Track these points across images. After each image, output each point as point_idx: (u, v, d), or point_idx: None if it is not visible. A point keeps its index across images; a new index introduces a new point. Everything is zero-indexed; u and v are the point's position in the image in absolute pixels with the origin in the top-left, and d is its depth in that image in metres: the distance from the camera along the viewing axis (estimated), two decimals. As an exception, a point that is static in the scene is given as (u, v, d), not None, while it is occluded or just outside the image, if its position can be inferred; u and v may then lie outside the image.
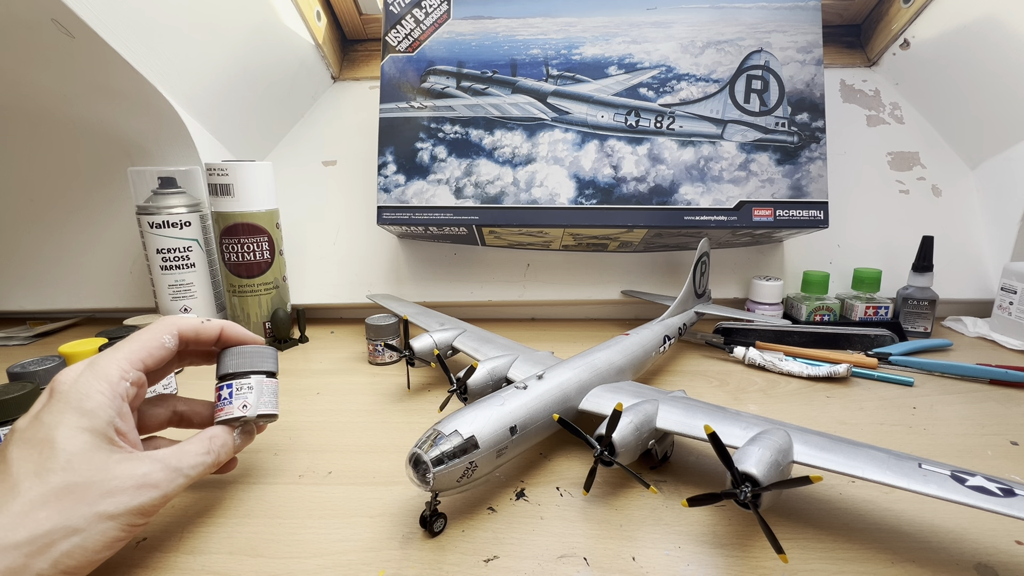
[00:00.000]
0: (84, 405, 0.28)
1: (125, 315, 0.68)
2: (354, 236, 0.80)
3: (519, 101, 0.67)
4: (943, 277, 0.73)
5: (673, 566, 0.31)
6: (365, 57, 0.90)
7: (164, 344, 0.34)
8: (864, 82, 0.83)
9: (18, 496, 0.25)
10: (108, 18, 0.54)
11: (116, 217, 0.76)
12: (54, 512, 0.25)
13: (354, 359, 0.66)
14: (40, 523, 0.25)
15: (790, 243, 0.79)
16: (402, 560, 0.31)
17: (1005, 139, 0.74)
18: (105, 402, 0.29)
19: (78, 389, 0.29)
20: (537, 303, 0.81)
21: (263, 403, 0.37)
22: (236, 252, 0.66)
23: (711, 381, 0.58)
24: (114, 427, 0.29)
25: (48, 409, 0.28)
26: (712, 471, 0.40)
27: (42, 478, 0.26)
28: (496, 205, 0.66)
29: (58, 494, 0.26)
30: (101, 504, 0.26)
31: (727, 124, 0.66)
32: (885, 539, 0.33)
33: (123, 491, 0.27)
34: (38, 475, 0.26)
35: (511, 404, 0.36)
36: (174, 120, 0.67)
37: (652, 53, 0.67)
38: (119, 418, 0.29)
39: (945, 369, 0.58)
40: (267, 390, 0.37)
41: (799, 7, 0.66)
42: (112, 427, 0.29)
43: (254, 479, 0.40)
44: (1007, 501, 0.27)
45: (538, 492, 0.38)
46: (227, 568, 0.31)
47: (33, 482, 0.26)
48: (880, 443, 0.34)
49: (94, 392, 0.29)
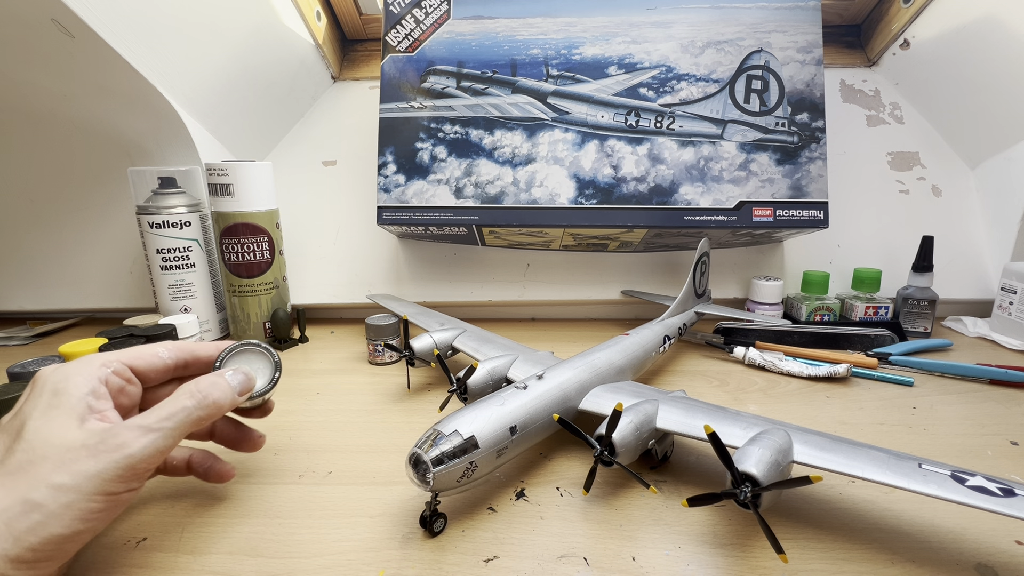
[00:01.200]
0: (57, 387, 0.29)
1: (125, 315, 0.68)
2: (354, 236, 0.80)
3: (519, 101, 0.67)
4: (943, 277, 0.73)
5: (673, 566, 0.31)
6: (365, 57, 0.90)
7: (157, 353, 0.34)
8: (864, 82, 0.83)
9: None
10: (108, 18, 0.54)
11: (116, 217, 0.76)
12: (8, 490, 0.25)
13: (354, 359, 0.66)
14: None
15: (790, 243, 0.79)
16: (402, 560, 0.31)
17: (1005, 139, 0.74)
18: (80, 382, 0.29)
19: (55, 377, 0.29)
20: (537, 303, 0.81)
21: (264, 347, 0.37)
22: (236, 252, 0.66)
23: (711, 381, 0.58)
24: (86, 404, 0.28)
25: (27, 400, 0.29)
26: (712, 471, 0.40)
27: (3, 462, 0.26)
28: (496, 205, 0.66)
29: (12, 472, 0.26)
30: (54, 476, 0.26)
31: (727, 124, 0.66)
32: (885, 539, 0.33)
33: (76, 460, 0.26)
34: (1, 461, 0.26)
35: (511, 404, 0.36)
36: (174, 120, 0.67)
37: (652, 53, 0.67)
38: (92, 396, 0.29)
39: (945, 369, 0.58)
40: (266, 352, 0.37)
41: (799, 7, 0.66)
42: (83, 404, 0.28)
43: (254, 479, 0.40)
44: (1007, 501, 0.27)
45: (538, 492, 0.38)
46: (227, 568, 0.31)
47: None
48: (880, 443, 0.34)
49: (70, 375, 0.29)
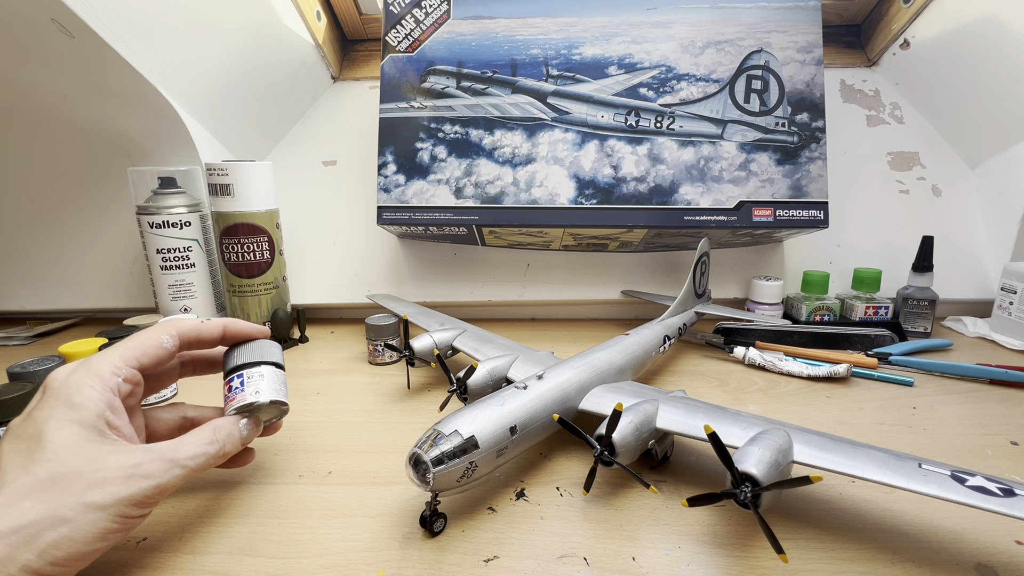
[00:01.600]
0: (73, 399, 0.28)
1: (125, 315, 0.68)
2: (354, 236, 0.80)
3: (519, 101, 0.67)
4: (943, 277, 0.73)
5: (673, 566, 0.31)
6: (365, 57, 0.90)
7: (162, 344, 0.33)
8: (864, 82, 0.83)
9: (3, 488, 0.25)
10: (108, 18, 0.54)
11: (116, 217, 0.76)
12: (39, 503, 0.25)
13: (354, 359, 0.66)
14: (24, 513, 0.25)
15: (790, 243, 0.79)
16: (402, 560, 0.31)
17: (1005, 139, 0.74)
18: (95, 395, 0.29)
19: (68, 384, 0.29)
20: (537, 303, 0.81)
21: (275, 391, 0.36)
22: (236, 252, 0.66)
23: (711, 381, 0.58)
24: (105, 420, 0.29)
25: (39, 405, 0.29)
26: (712, 471, 0.40)
27: (27, 470, 0.26)
28: (496, 205, 0.66)
29: (43, 485, 0.26)
30: (88, 494, 0.26)
31: (727, 124, 0.66)
32: (885, 539, 0.33)
33: (112, 481, 0.27)
34: (24, 468, 0.26)
35: (511, 404, 0.36)
36: (174, 120, 0.67)
37: (652, 53, 0.67)
38: (110, 411, 0.29)
39: (945, 369, 0.58)
40: (278, 379, 0.37)
41: (799, 7, 0.66)
42: (102, 420, 0.29)
43: (254, 479, 0.40)
44: (1007, 501, 0.27)
45: (538, 492, 0.38)
46: (227, 568, 0.31)
47: (18, 474, 0.26)
48: (880, 443, 0.34)
49: (84, 386, 0.29)
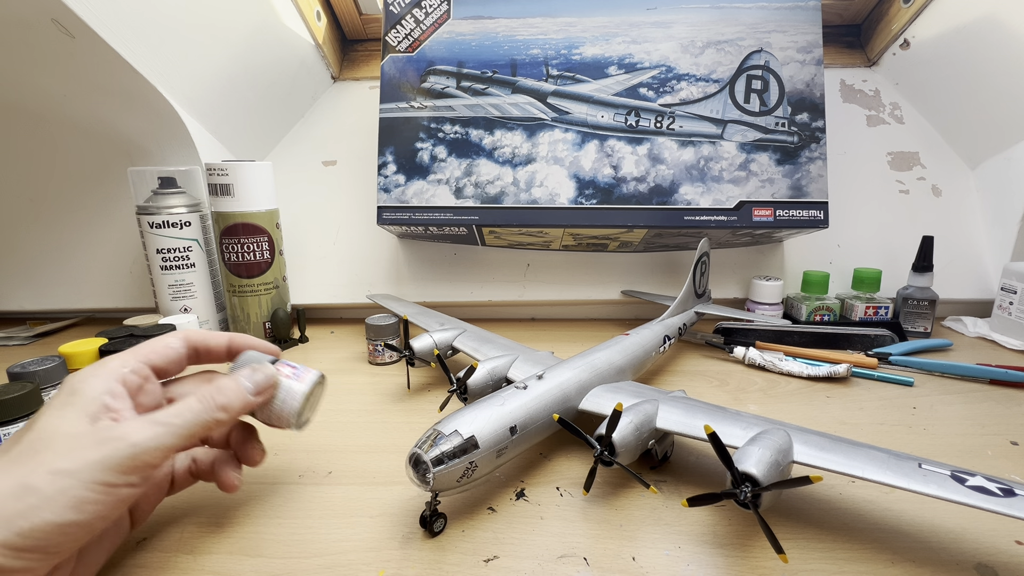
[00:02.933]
0: (74, 388, 0.29)
1: (125, 315, 0.68)
2: (354, 236, 0.80)
3: (519, 101, 0.67)
4: (943, 277, 0.73)
5: (673, 566, 0.31)
6: (365, 57, 0.90)
7: (169, 344, 0.34)
8: (864, 82, 0.83)
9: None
10: (108, 18, 0.54)
11: (116, 217, 0.76)
12: (7, 474, 0.25)
13: (354, 359, 0.66)
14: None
15: (790, 243, 0.79)
16: (402, 560, 0.31)
17: (1005, 139, 0.74)
18: (96, 384, 0.29)
19: (75, 377, 0.30)
20: (537, 303, 0.81)
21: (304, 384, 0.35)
22: (236, 252, 0.66)
23: (711, 381, 0.58)
24: (102, 404, 0.29)
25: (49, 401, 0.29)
26: (712, 471, 0.40)
27: (6, 451, 0.26)
28: (496, 205, 0.66)
29: (15, 459, 0.26)
30: (57, 462, 0.26)
31: (727, 124, 0.66)
32: (885, 539, 0.33)
33: (83, 447, 0.26)
34: (5, 449, 0.26)
35: (511, 404, 0.36)
36: (174, 120, 0.67)
37: (652, 53, 0.67)
38: (109, 396, 0.29)
39: (945, 369, 0.58)
40: None
41: (799, 7, 0.66)
42: (98, 403, 0.28)
43: (254, 479, 0.40)
44: (1007, 501, 0.27)
45: (538, 492, 0.38)
46: (227, 568, 0.31)
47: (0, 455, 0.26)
48: (880, 443, 0.34)
49: (89, 377, 0.29)
